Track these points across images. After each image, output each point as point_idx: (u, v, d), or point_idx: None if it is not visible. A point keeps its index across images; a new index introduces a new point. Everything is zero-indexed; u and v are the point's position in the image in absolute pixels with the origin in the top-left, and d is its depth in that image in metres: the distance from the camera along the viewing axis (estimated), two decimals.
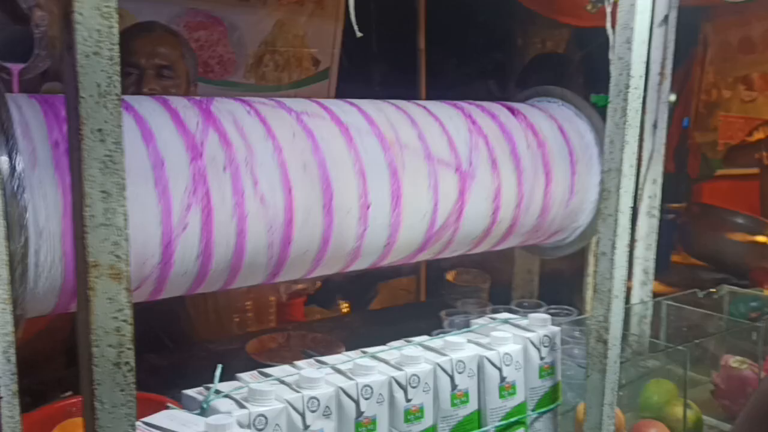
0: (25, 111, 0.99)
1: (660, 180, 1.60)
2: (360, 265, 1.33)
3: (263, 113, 1.19)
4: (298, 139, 1.19)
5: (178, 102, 1.14)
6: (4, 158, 0.91)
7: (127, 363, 0.66)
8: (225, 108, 1.16)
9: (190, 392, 0.97)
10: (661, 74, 1.55)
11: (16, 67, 1.05)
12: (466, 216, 1.38)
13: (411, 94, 2.80)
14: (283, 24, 2.82)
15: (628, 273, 1.18)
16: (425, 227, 1.33)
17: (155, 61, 1.81)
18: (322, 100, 1.32)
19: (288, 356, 1.58)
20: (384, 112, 1.34)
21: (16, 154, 0.93)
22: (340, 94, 2.86)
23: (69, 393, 1.35)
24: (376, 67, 3.11)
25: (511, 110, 1.55)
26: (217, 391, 0.95)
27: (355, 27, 1.06)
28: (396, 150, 1.29)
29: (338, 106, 1.30)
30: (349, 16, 1.13)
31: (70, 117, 0.60)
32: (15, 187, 0.92)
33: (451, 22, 2.98)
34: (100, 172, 0.60)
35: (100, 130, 0.59)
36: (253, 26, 2.77)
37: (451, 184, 1.34)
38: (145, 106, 1.09)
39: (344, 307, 2.75)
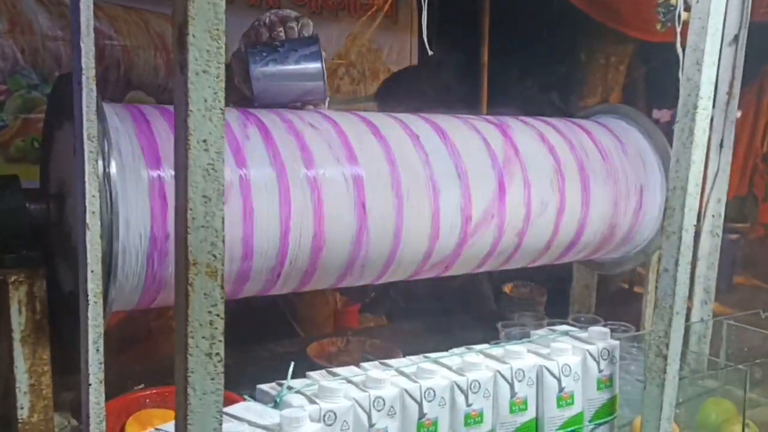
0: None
1: (724, 199, 1.59)
2: (444, 234, 1.32)
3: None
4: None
5: None
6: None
7: (217, 354, 0.72)
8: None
9: (264, 387, 1.03)
10: (729, 93, 1.54)
11: None
12: (530, 166, 1.40)
13: (472, 107, 2.83)
14: (355, 37, 2.89)
15: (689, 292, 1.18)
16: (495, 177, 1.35)
17: None
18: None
19: (347, 360, 1.63)
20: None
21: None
22: None
23: (141, 386, 1.43)
24: (439, 80, 3.15)
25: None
26: (290, 387, 1.01)
27: (427, 44, 1.11)
28: (437, 119, 1.37)
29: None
30: (422, 32, 1.18)
31: (179, 128, 0.66)
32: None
33: (514, 36, 3.00)
34: (203, 178, 0.66)
35: (205, 140, 0.65)
36: (326, 39, 2.83)
37: (498, 138, 1.40)
38: None
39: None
